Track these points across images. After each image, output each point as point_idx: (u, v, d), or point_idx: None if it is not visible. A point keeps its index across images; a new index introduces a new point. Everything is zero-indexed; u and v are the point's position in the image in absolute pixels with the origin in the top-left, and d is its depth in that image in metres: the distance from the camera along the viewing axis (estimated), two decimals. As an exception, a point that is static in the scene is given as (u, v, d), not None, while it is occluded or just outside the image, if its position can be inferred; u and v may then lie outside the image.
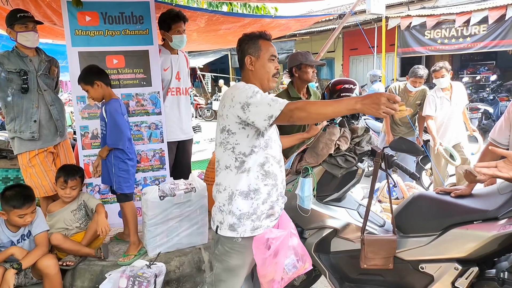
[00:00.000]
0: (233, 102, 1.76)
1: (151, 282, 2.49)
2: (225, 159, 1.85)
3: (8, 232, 2.58)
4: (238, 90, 1.78)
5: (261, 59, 1.90)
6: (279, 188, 1.92)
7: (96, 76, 2.81)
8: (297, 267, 1.94)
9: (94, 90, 2.80)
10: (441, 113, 4.34)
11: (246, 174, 1.82)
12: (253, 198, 1.83)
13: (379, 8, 9.19)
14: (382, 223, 2.42)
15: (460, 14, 9.44)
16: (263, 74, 1.91)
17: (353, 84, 2.50)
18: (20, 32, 2.97)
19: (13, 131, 3.05)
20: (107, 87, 2.87)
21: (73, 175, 2.87)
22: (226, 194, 1.84)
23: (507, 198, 1.98)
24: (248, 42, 1.91)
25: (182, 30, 3.35)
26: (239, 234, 1.83)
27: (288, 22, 5.15)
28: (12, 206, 2.47)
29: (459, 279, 2.02)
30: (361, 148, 2.29)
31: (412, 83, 4.55)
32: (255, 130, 1.80)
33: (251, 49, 1.90)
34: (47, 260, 2.55)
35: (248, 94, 1.72)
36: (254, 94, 1.72)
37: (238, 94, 1.75)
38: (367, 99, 1.49)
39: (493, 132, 2.30)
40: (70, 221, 2.91)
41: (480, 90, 10.61)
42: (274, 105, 1.66)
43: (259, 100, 1.70)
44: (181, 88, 3.52)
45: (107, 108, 2.81)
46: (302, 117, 1.64)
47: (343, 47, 15.56)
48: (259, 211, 1.84)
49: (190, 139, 3.69)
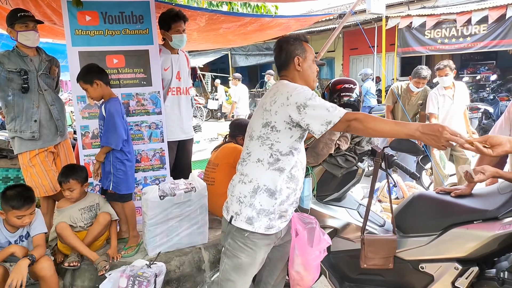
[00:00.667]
0: (288, 100, 1.74)
1: (151, 282, 2.49)
2: (259, 153, 1.83)
3: (6, 232, 2.56)
4: (295, 90, 1.76)
5: (308, 60, 1.95)
6: (297, 193, 1.93)
7: (96, 75, 2.80)
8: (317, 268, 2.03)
9: (93, 89, 2.79)
10: (443, 111, 4.34)
11: (279, 174, 1.82)
12: (277, 198, 1.83)
13: (379, 8, 9.18)
14: (382, 223, 2.42)
15: (460, 14, 9.43)
16: (309, 74, 1.96)
17: (353, 84, 2.50)
18: (21, 31, 2.97)
19: (13, 131, 3.05)
20: (107, 87, 2.86)
21: (72, 177, 2.83)
22: (251, 186, 1.83)
23: (507, 198, 1.98)
24: (294, 43, 1.95)
25: (182, 29, 3.35)
26: (254, 229, 1.81)
27: (288, 21, 5.15)
28: (11, 207, 2.45)
29: (459, 279, 2.02)
30: (361, 148, 2.29)
31: (415, 83, 4.55)
32: (301, 132, 1.82)
33: (298, 50, 1.94)
34: (43, 262, 2.51)
35: (308, 96, 1.72)
36: (313, 96, 1.72)
37: (297, 94, 1.74)
38: (428, 129, 1.49)
39: (493, 131, 2.30)
40: (76, 219, 2.89)
41: (480, 90, 10.61)
42: (333, 111, 1.67)
43: (318, 104, 1.70)
44: (182, 87, 3.52)
45: (108, 106, 2.80)
46: (358, 129, 1.66)
47: (343, 46, 15.56)
48: (277, 211, 1.84)
49: (190, 139, 3.69)
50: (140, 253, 2.95)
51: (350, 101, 2.44)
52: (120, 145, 2.82)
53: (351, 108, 2.50)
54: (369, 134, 1.77)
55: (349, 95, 2.45)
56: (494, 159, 2.29)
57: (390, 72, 13.76)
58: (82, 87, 2.82)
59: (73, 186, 2.83)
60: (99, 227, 2.87)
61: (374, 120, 1.63)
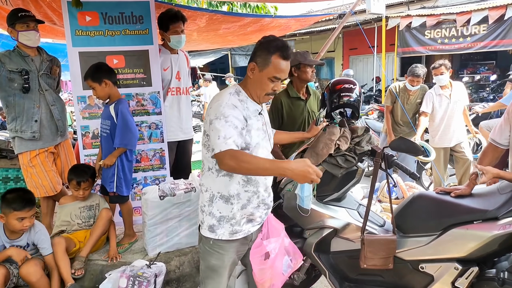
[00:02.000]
0: (208, 111, 1.78)
1: (151, 282, 2.49)
2: (208, 161, 1.85)
3: (5, 238, 2.55)
4: (217, 102, 1.75)
5: (263, 73, 1.77)
6: (261, 195, 1.90)
7: (105, 74, 2.80)
8: (292, 266, 1.97)
9: (101, 88, 2.79)
10: (440, 110, 4.35)
11: (229, 179, 1.82)
12: (233, 203, 1.83)
13: (379, 8, 9.15)
14: (382, 223, 2.42)
15: (460, 14, 9.43)
16: (257, 88, 1.82)
17: (353, 84, 2.49)
18: (21, 31, 2.97)
19: (13, 131, 3.05)
20: (114, 87, 2.86)
21: (84, 177, 2.89)
22: (208, 195, 1.86)
23: (507, 198, 1.99)
24: (262, 50, 1.77)
25: (180, 30, 3.33)
26: (217, 236, 1.84)
27: (288, 21, 5.15)
28: (13, 208, 2.45)
29: (459, 279, 2.02)
30: (361, 148, 2.29)
31: (410, 82, 4.56)
32: None
33: (260, 58, 1.77)
34: (28, 267, 2.48)
35: (217, 114, 1.70)
36: (221, 117, 1.68)
37: (215, 107, 1.74)
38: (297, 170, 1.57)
39: (493, 132, 2.30)
40: (75, 216, 2.93)
41: (480, 90, 10.61)
42: (221, 142, 1.64)
43: (217, 127, 1.67)
44: (181, 88, 3.52)
45: (120, 107, 2.80)
46: (231, 166, 1.63)
47: (343, 46, 15.55)
48: (239, 215, 1.85)
49: (190, 139, 3.69)
50: (140, 253, 2.95)
51: (350, 101, 2.44)
52: (136, 145, 2.82)
53: (351, 108, 2.50)
54: (242, 171, 1.71)
55: (349, 95, 2.44)
56: (495, 159, 2.30)
57: (390, 72, 13.75)
58: (89, 85, 2.82)
59: (88, 186, 2.91)
60: (103, 221, 2.87)
61: (248, 156, 1.64)
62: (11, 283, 2.50)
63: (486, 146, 2.32)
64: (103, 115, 2.97)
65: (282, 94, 3.25)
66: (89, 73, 2.81)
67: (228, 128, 1.67)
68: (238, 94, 1.83)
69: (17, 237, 2.58)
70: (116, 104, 2.83)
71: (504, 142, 2.24)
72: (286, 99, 3.18)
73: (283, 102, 3.16)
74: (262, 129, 1.89)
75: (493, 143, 2.27)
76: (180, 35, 3.34)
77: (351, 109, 2.51)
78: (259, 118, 1.88)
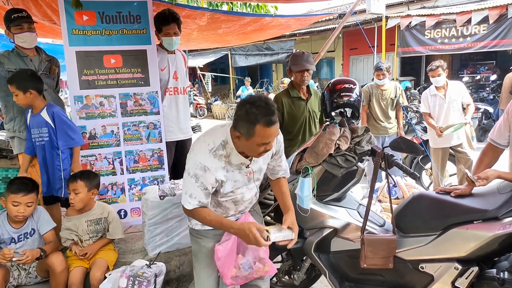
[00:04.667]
0: (188, 156, 1.85)
1: (151, 282, 2.49)
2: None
3: (9, 228, 2.56)
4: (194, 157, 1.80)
5: (250, 142, 1.68)
6: (231, 213, 1.99)
7: (32, 84, 2.76)
8: (253, 268, 1.97)
9: (24, 97, 2.75)
10: (435, 110, 4.42)
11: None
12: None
13: (379, 8, 9.16)
14: (382, 223, 2.42)
15: (460, 14, 9.43)
16: (246, 151, 1.77)
17: (353, 83, 2.49)
18: (16, 34, 2.96)
19: (12, 131, 3.05)
20: (39, 96, 2.83)
21: (81, 178, 2.64)
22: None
23: (507, 197, 1.98)
24: (244, 122, 1.64)
25: (172, 32, 3.28)
26: (191, 226, 2.04)
27: (288, 21, 5.14)
28: (10, 191, 2.49)
29: (459, 279, 2.02)
30: (361, 148, 2.28)
31: (376, 76, 4.78)
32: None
33: (244, 129, 1.65)
34: (54, 257, 2.53)
35: (190, 171, 1.78)
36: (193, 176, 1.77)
37: (192, 162, 1.79)
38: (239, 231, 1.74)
39: (492, 132, 2.29)
40: (83, 231, 2.72)
41: (480, 90, 10.60)
42: (186, 199, 1.81)
43: (187, 182, 1.81)
44: (179, 87, 3.50)
45: (53, 110, 2.83)
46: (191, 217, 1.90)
47: (343, 46, 15.54)
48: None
49: (189, 139, 3.67)
50: (140, 253, 2.95)
51: (350, 101, 2.44)
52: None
53: (351, 108, 2.49)
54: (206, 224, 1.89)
55: (349, 95, 2.44)
56: (494, 160, 2.29)
57: (390, 72, 13.72)
58: (12, 91, 2.74)
59: (78, 189, 2.61)
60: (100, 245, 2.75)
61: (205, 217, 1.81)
62: (10, 286, 2.50)
63: (485, 146, 2.31)
64: (34, 124, 2.86)
65: (283, 94, 3.25)
66: (15, 79, 2.73)
67: (197, 189, 1.78)
68: (223, 148, 1.78)
69: (20, 225, 2.59)
70: (48, 108, 2.81)
71: (503, 142, 2.23)
72: (287, 99, 3.18)
73: (284, 102, 3.16)
74: (246, 178, 1.90)
75: (493, 143, 2.27)
76: (171, 37, 3.30)
77: (351, 109, 2.50)
78: (245, 171, 1.87)
